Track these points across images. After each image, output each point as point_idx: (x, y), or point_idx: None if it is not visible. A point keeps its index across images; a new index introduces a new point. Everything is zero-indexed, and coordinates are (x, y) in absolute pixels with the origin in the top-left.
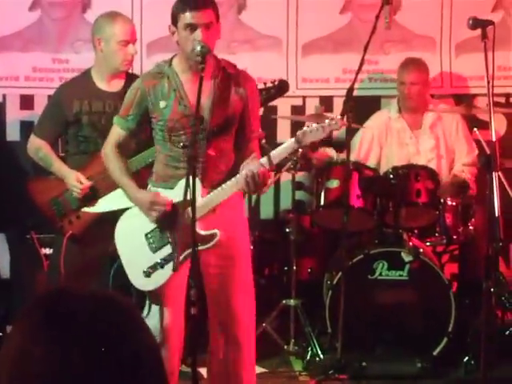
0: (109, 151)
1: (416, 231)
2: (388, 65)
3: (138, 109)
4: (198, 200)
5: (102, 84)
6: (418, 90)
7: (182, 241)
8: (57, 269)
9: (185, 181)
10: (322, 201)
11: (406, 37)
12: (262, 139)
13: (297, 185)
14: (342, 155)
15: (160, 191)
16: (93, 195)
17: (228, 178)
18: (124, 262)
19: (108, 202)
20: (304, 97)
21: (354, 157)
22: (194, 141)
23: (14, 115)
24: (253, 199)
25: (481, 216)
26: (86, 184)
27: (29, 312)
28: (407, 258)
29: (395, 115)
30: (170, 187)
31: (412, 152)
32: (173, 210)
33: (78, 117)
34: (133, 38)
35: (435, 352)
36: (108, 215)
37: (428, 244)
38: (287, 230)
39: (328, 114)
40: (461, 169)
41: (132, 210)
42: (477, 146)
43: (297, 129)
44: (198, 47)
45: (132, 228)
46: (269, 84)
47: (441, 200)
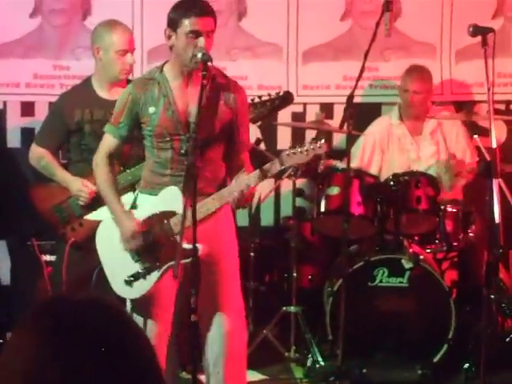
0: (100, 161)
1: (416, 238)
2: (388, 72)
3: (130, 115)
4: (180, 211)
5: (103, 92)
6: (421, 99)
7: (164, 252)
8: (59, 276)
9: (167, 189)
10: (323, 208)
11: (407, 44)
12: (260, 142)
13: (297, 192)
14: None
15: (146, 198)
16: (96, 203)
17: (217, 188)
18: (106, 269)
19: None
20: (305, 104)
21: (357, 163)
22: (193, 147)
23: (15, 122)
24: (253, 206)
25: (481, 223)
26: (93, 189)
27: (34, 321)
28: (407, 265)
29: (396, 121)
30: (155, 194)
31: (413, 158)
32: (149, 244)
33: (80, 125)
34: (131, 48)
35: (435, 359)
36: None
37: (428, 251)
38: (287, 237)
39: (311, 144)
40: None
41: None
42: (477, 153)
43: (297, 135)
44: (199, 54)
45: (113, 236)
46: (273, 95)
47: (441, 207)
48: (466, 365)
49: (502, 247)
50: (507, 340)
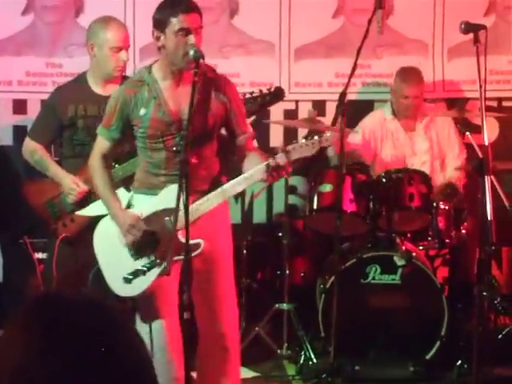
0: (94, 163)
1: (409, 235)
2: (380, 69)
3: (121, 118)
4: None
5: (98, 88)
6: (420, 101)
7: (165, 248)
8: (50, 271)
9: (168, 188)
10: (315, 205)
11: (399, 41)
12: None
13: (290, 189)
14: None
15: (142, 197)
16: (88, 198)
17: (212, 185)
18: (103, 267)
19: (102, 206)
20: (297, 101)
21: (359, 147)
22: (185, 145)
23: (7, 120)
24: (246, 203)
25: (473, 220)
26: (83, 188)
27: (25, 318)
28: (400, 262)
29: (390, 116)
30: (153, 194)
31: (408, 153)
32: (148, 238)
33: (73, 121)
34: (125, 45)
35: (428, 356)
36: (102, 219)
37: (421, 248)
38: (280, 234)
39: (320, 126)
40: (453, 173)
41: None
42: (469, 150)
43: (290, 133)
44: (192, 52)
45: (112, 233)
46: (264, 91)
47: (433, 204)
48: (459, 362)
49: (494, 244)
50: (499, 337)
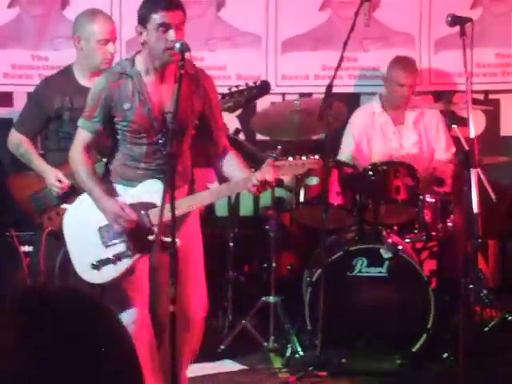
0: (76, 155)
1: (395, 228)
2: (367, 62)
3: (104, 110)
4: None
5: (84, 80)
6: (412, 92)
7: (139, 242)
8: (37, 265)
9: (147, 181)
10: (302, 198)
11: (385, 34)
12: (239, 132)
13: (277, 182)
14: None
15: (120, 188)
16: (73, 192)
17: (187, 182)
18: (70, 251)
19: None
20: (283, 94)
21: (352, 152)
22: (171, 139)
23: None
24: (232, 196)
25: (459, 213)
26: (66, 183)
27: (8, 310)
28: (386, 255)
29: (379, 110)
30: (131, 186)
31: (395, 147)
32: (134, 224)
33: (60, 113)
34: (112, 37)
35: (414, 348)
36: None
37: (407, 241)
38: (267, 227)
39: (307, 159)
40: (440, 163)
41: (86, 198)
42: (456, 143)
43: None
44: (178, 45)
45: (85, 217)
46: (250, 84)
47: (420, 197)
48: (445, 354)
49: (481, 237)
50: (486, 329)
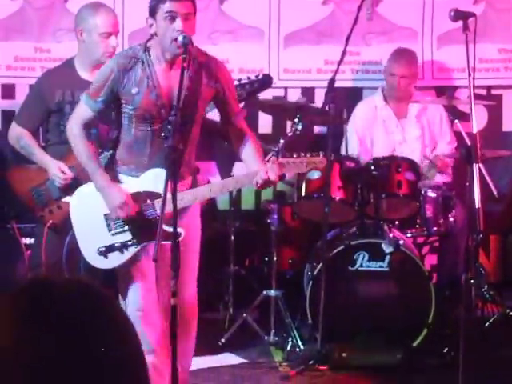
0: (77, 131)
1: (397, 222)
2: (370, 56)
3: (110, 91)
4: (169, 195)
5: (85, 74)
6: (408, 83)
7: (144, 231)
8: (38, 258)
9: (151, 171)
10: (303, 192)
11: (388, 28)
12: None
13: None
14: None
15: (123, 177)
16: (74, 185)
17: (192, 171)
18: (78, 236)
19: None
20: (286, 88)
21: (356, 148)
22: (174, 131)
23: None
24: (234, 190)
25: (461, 208)
26: (69, 174)
27: (13, 302)
28: (388, 250)
29: (381, 104)
30: (135, 175)
31: (398, 140)
32: (139, 216)
33: (61, 106)
34: (115, 30)
35: (415, 343)
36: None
37: (408, 235)
38: (268, 221)
39: (312, 158)
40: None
41: (91, 186)
42: (458, 138)
43: (278, 121)
44: (180, 37)
45: (91, 203)
46: (252, 78)
47: (421, 191)
48: (446, 349)
49: (482, 232)
50: (486, 324)
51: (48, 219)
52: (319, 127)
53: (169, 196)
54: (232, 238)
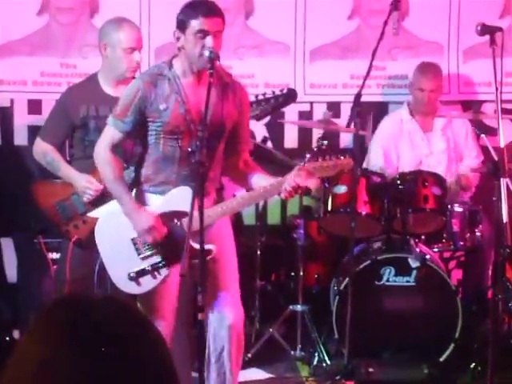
0: (105, 154)
1: (423, 237)
2: (396, 71)
3: (137, 111)
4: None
5: (109, 89)
6: (436, 96)
7: (174, 252)
8: (63, 274)
9: (178, 189)
10: (330, 206)
11: (414, 43)
12: (267, 141)
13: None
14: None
15: (150, 196)
16: (102, 198)
17: (216, 188)
18: (105, 261)
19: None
20: (311, 102)
21: (379, 162)
22: (201, 147)
23: (22, 120)
24: (260, 205)
25: (488, 222)
26: (98, 186)
27: (46, 324)
28: (414, 264)
29: (407, 117)
30: (162, 193)
31: (424, 153)
32: (167, 237)
33: (85, 121)
34: (139, 45)
35: (442, 358)
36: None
37: (435, 250)
38: (294, 236)
39: (339, 160)
40: (466, 170)
41: (115, 207)
42: (484, 153)
43: (305, 135)
44: (207, 53)
45: (117, 227)
46: (277, 92)
47: (448, 206)
48: (473, 364)
49: (509, 247)
50: None
51: (73, 234)
52: (345, 142)
53: (196, 213)
54: (258, 253)
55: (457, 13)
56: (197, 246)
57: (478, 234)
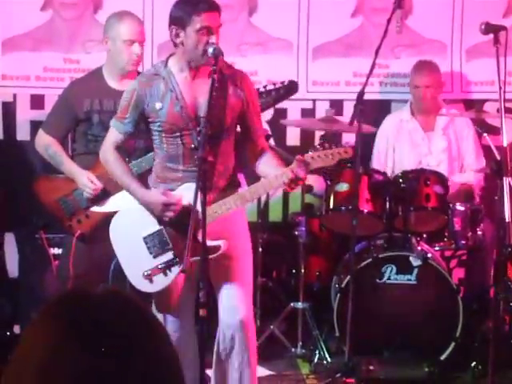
0: (109, 156)
1: (425, 236)
2: (399, 69)
3: (135, 111)
4: (197, 208)
5: (114, 83)
6: (432, 93)
7: (185, 247)
8: (66, 268)
9: (185, 185)
10: (332, 204)
11: (417, 41)
12: (270, 138)
13: (306, 188)
14: None
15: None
16: (102, 195)
17: (228, 180)
18: (122, 262)
19: (117, 202)
20: (314, 100)
21: (375, 163)
22: (203, 143)
23: (25, 115)
24: (262, 202)
25: (490, 221)
26: (98, 185)
27: (49, 319)
28: (416, 263)
29: (407, 117)
30: (171, 189)
31: (424, 152)
32: (184, 209)
33: (89, 115)
34: (139, 38)
35: (442, 357)
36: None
37: (437, 249)
38: (296, 233)
39: (337, 148)
40: (471, 177)
41: (128, 209)
42: (487, 152)
43: (307, 132)
44: (211, 49)
45: (129, 228)
46: (278, 84)
47: (450, 205)
48: (473, 363)
49: (511, 246)
50: None
51: (76, 229)
52: (347, 140)
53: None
54: (259, 250)
55: (460, 11)
56: (208, 243)
57: (480, 233)
